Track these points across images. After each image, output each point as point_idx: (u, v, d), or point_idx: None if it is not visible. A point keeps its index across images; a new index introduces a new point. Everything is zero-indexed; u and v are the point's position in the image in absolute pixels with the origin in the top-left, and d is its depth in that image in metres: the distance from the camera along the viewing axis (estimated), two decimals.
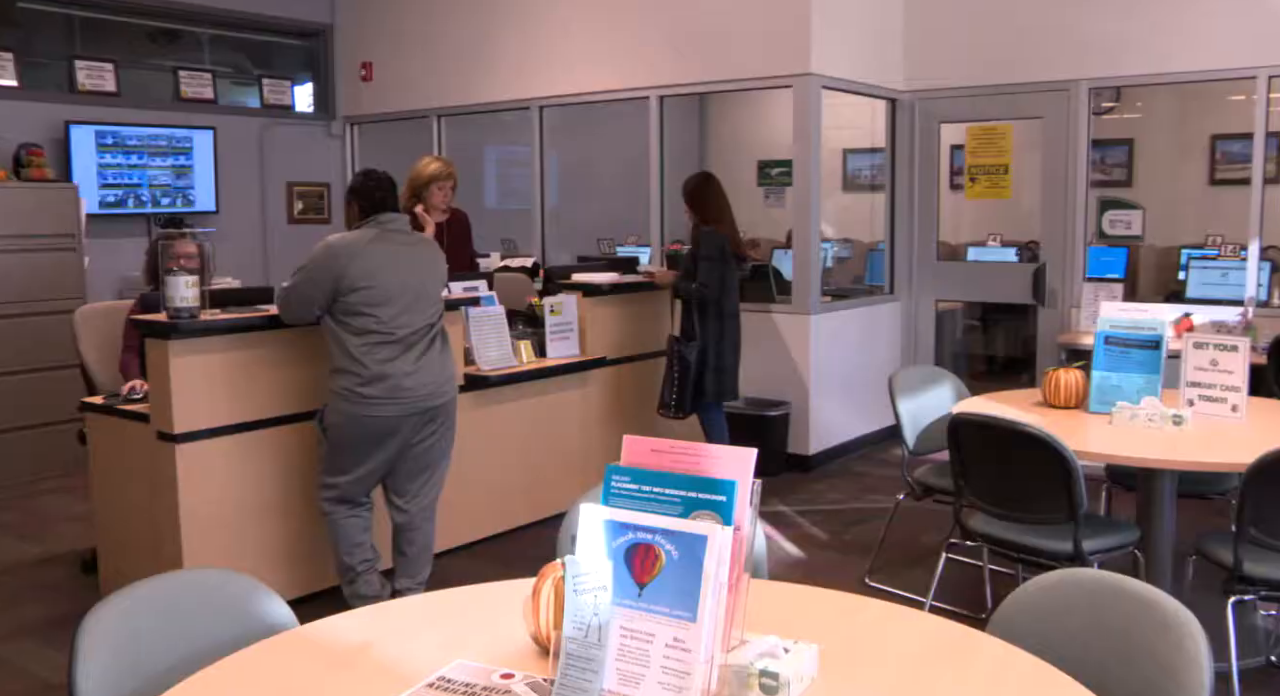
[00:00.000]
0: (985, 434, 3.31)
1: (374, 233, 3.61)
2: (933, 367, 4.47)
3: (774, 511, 5.28)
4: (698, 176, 5.22)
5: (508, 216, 8.05)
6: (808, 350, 5.93)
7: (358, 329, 3.52)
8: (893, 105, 6.67)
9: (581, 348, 5.22)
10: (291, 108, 7.87)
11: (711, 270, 5.00)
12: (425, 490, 3.80)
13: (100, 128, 6.50)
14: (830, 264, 8.64)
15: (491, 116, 7.45)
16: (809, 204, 5.90)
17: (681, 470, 1.59)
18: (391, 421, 3.57)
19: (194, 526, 3.68)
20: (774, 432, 5.92)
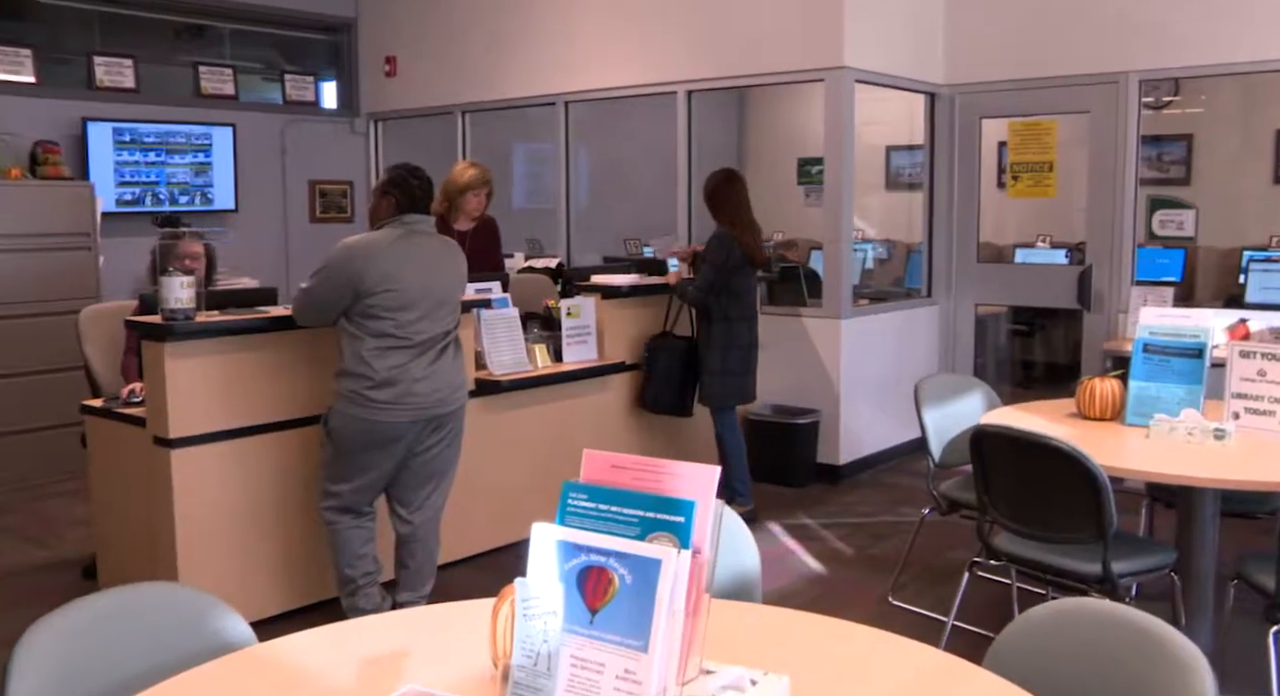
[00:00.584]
0: (1009, 447, 3.21)
1: (399, 233, 3.57)
2: (962, 376, 4.36)
3: (798, 524, 5.20)
4: (718, 174, 5.16)
5: (535, 216, 8.01)
6: (838, 356, 5.84)
7: (374, 332, 3.49)
8: (931, 100, 6.55)
9: (600, 351, 5.18)
10: (315, 104, 7.91)
11: (709, 274, 4.95)
12: (430, 501, 3.77)
13: (118, 124, 6.57)
14: (871, 265, 8.53)
15: (519, 112, 7.43)
16: (840, 203, 5.80)
17: (642, 488, 1.53)
18: (399, 427, 3.54)
19: (190, 534, 3.68)
20: (802, 442, 5.83)
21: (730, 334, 5.09)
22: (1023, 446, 3.15)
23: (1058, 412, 3.89)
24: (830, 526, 5.17)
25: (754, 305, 5.18)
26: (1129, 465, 3.18)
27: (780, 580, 4.43)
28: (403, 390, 3.50)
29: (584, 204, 8.82)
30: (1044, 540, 3.23)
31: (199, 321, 3.60)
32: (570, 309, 5.06)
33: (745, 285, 5.09)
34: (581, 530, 1.52)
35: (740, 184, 5.11)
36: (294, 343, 3.83)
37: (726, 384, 5.10)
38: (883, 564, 4.57)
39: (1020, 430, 3.17)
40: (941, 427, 4.02)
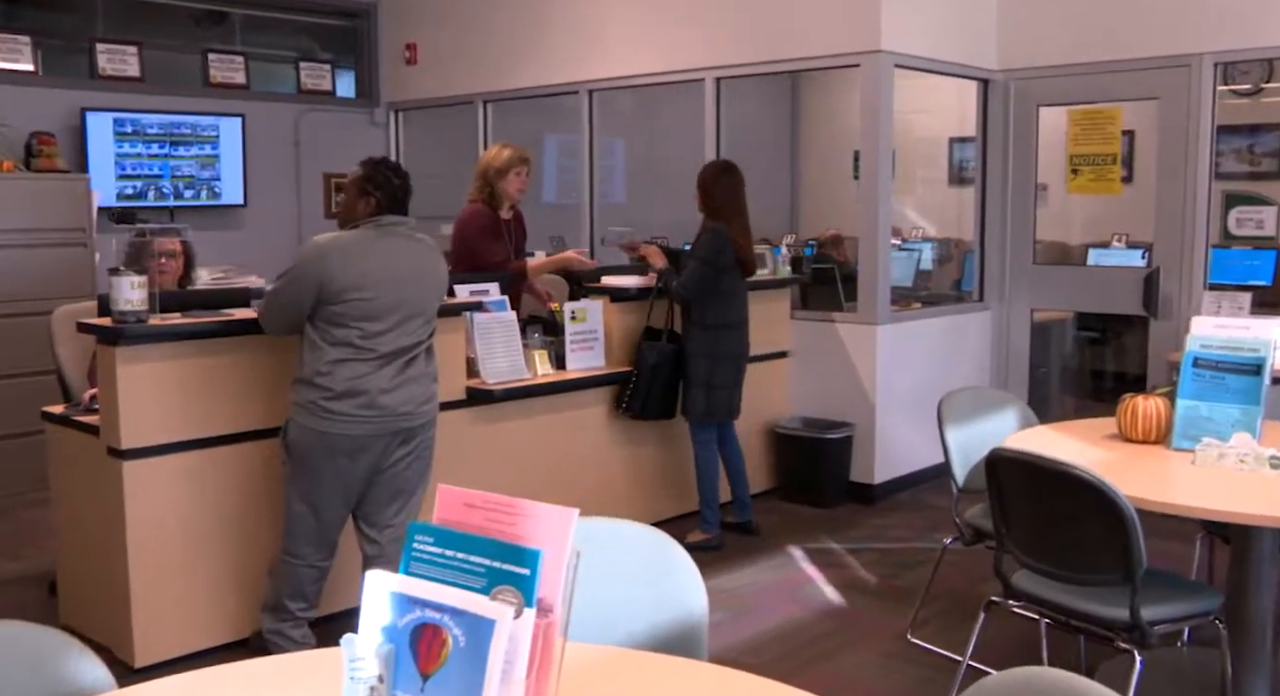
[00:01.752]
0: (1026, 474, 2.99)
1: (374, 235, 3.47)
2: (993, 390, 4.13)
3: (822, 549, 4.99)
4: (714, 166, 4.97)
5: (568, 211, 7.88)
6: (874, 365, 5.62)
7: (336, 340, 3.39)
8: (984, 87, 6.29)
9: (608, 358, 5.02)
10: (332, 93, 7.87)
11: (695, 272, 4.75)
12: (400, 519, 3.65)
13: (119, 115, 6.58)
14: (930, 266, 8.27)
15: (552, 102, 7.30)
16: (877, 199, 5.59)
17: (493, 531, 1.37)
18: (361, 440, 3.43)
19: (142, 552, 3.61)
20: (833, 458, 5.63)
21: (718, 342, 4.87)
22: (1040, 474, 2.93)
23: (1097, 434, 3.65)
24: (856, 552, 4.95)
25: (744, 310, 4.96)
26: (1166, 497, 2.94)
27: (790, 612, 4.24)
28: (366, 401, 3.40)
29: (619, 199, 8.71)
30: (1065, 580, 3.00)
31: (152, 324, 3.51)
32: (575, 312, 4.92)
33: (735, 288, 4.88)
34: (426, 579, 1.36)
35: (737, 177, 4.90)
36: (258, 348, 3.74)
37: (713, 399, 4.89)
38: (908, 596, 4.35)
39: (1036, 456, 2.95)
40: (968, 448, 3.80)
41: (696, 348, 4.85)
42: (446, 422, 4.33)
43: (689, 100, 6.52)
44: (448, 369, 4.35)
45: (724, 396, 4.90)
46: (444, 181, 8.31)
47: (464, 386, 4.46)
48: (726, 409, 4.94)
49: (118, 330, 3.44)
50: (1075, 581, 2.98)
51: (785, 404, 5.90)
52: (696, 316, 4.84)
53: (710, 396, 4.87)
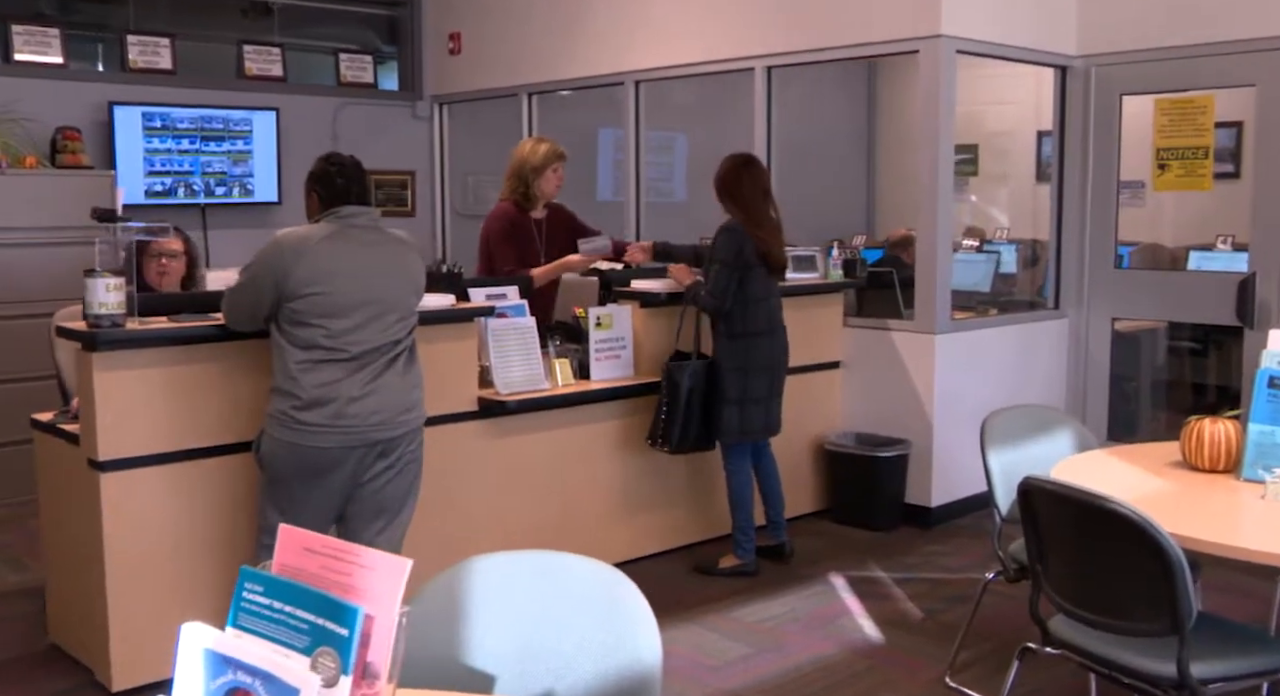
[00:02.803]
0: (1062, 507, 2.77)
1: (331, 228, 3.40)
2: (1046, 408, 3.90)
3: (867, 577, 4.79)
4: (733, 159, 4.76)
5: (624, 209, 7.76)
6: (931, 377, 5.39)
7: (302, 342, 3.32)
8: (1062, 74, 6.01)
9: (637, 368, 4.88)
10: (373, 86, 7.86)
11: (723, 277, 4.56)
12: (383, 538, 3.55)
13: (147, 109, 6.62)
14: (1014, 269, 7.97)
15: (605, 93, 7.16)
16: (936, 196, 5.36)
17: (328, 580, 1.24)
18: (332, 454, 3.33)
19: (121, 570, 3.56)
20: (886, 478, 5.42)
21: (748, 352, 4.67)
22: (1076, 508, 2.71)
23: (1160, 460, 3.42)
24: (904, 582, 4.73)
25: (776, 314, 4.77)
26: (1223, 537, 2.72)
27: (819, 648, 4.04)
28: (334, 411, 3.30)
29: (679, 197, 8.57)
30: (1105, 628, 2.77)
31: (129, 329, 3.46)
32: (600, 318, 4.78)
33: (762, 290, 4.68)
34: (253, 633, 1.23)
35: (757, 171, 4.72)
36: (247, 355, 3.67)
37: (748, 416, 4.70)
38: (953, 633, 4.11)
39: (1071, 487, 2.73)
40: (1013, 473, 3.53)
41: (726, 360, 4.66)
42: (455, 436, 4.27)
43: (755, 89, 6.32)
44: (457, 378, 4.29)
45: (759, 412, 4.71)
46: (489, 178, 8.28)
47: (475, 397, 4.35)
48: (764, 426, 4.75)
49: (91, 335, 3.40)
50: (1116, 630, 2.75)
51: (836, 418, 5.70)
52: (723, 326, 4.67)
53: (745, 413, 4.68)
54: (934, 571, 4.89)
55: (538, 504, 4.57)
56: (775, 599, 4.55)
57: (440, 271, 4.42)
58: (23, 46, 6.39)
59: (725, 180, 4.69)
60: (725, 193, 4.69)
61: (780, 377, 4.78)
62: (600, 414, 4.75)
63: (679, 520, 5.05)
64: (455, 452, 4.31)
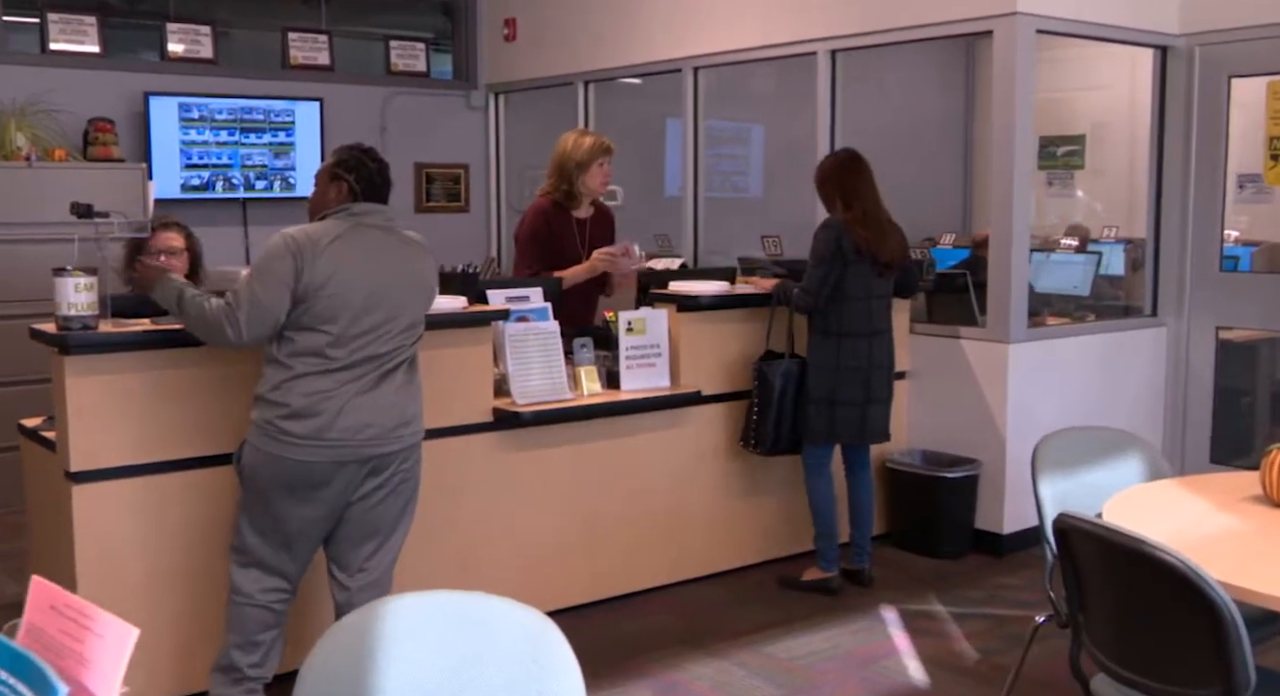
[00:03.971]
0: (1101, 551, 2.51)
1: (343, 227, 3.27)
2: (1113, 430, 3.59)
3: (923, 611, 4.53)
4: (834, 158, 4.74)
5: (682, 206, 7.58)
6: (1004, 391, 5.10)
7: (301, 348, 3.20)
8: (1162, 55, 5.66)
9: (673, 378, 4.69)
10: (425, 75, 7.79)
11: (817, 274, 4.51)
12: (374, 562, 3.43)
13: (184, 99, 6.63)
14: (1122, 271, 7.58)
15: (673, 81, 6.96)
16: (1011, 191, 5.07)
17: (62, 645, 1.09)
18: (321, 470, 3.22)
19: (92, 588, 3.48)
20: (955, 500, 5.16)
21: (840, 353, 4.58)
22: (1115, 552, 2.44)
23: (1238, 493, 3.12)
24: (964, 618, 4.46)
25: (879, 316, 4.65)
26: None
27: (854, 692, 3.81)
28: (323, 423, 3.18)
29: (755, 193, 8.35)
30: (1150, 691, 2.50)
31: (102, 332, 3.39)
32: (631, 323, 4.60)
33: (862, 288, 4.58)
34: None
35: (857, 169, 4.64)
36: (231, 360, 3.58)
37: (837, 417, 4.61)
38: None
39: (1108, 528, 2.46)
40: (1070, 504, 3.27)
41: (816, 358, 4.64)
42: (467, 448, 4.17)
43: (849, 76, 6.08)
44: (470, 386, 4.17)
45: (851, 415, 4.63)
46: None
47: (490, 407, 4.22)
48: (857, 431, 4.67)
49: (60, 338, 3.33)
50: (1163, 694, 2.47)
51: (901, 434, 5.43)
52: (818, 323, 4.64)
53: (834, 415, 4.62)
54: (999, 607, 4.60)
55: (558, 523, 4.42)
56: (817, 632, 4.32)
57: (455, 271, 4.28)
58: (58, 35, 6.44)
59: (824, 179, 4.68)
60: (830, 191, 4.66)
61: (881, 382, 4.70)
62: (630, 427, 4.58)
63: (722, 543, 4.87)
64: (467, 466, 4.19)
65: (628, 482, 4.58)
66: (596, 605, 4.49)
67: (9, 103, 6.02)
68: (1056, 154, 9.26)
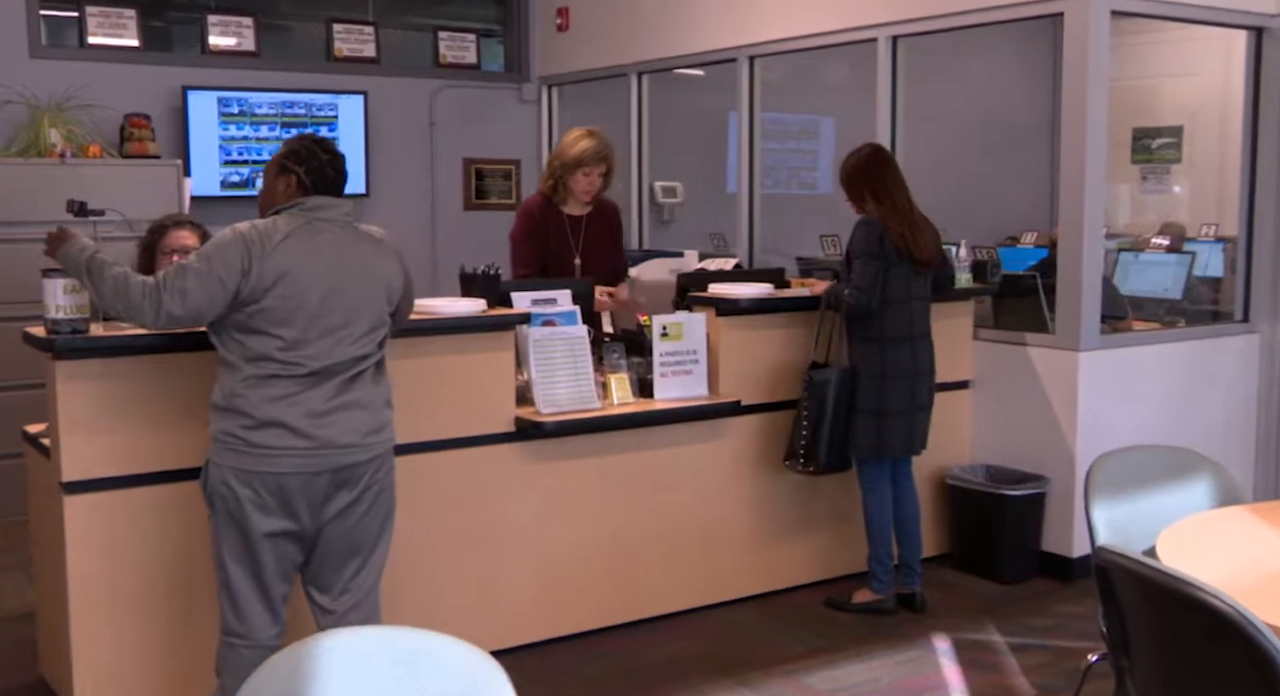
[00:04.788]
0: (1143, 590, 2.30)
1: (296, 223, 3.13)
2: (1178, 450, 3.35)
3: (980, 641, 4.33)
4: (858, 154, 4.55)
5: (737, 203, 7.43)
6: (1074, 402, 4.86)
7: (253, 353, 3.07)
8: (1256, 37, 5.36)
9: (712, 386, 4.53)
10: (476, 67, 7.72)
11: (869, 270, 4.35)
12: (357, 582, 3.28)
13: (223, 93, 6.63)
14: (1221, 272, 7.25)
15: (732, 72, 6.84)
16: (1082, 185, 4.83)
17: None
18: (291, 482, 3.06)
19: (86, 604, 3.44)
20: (1020, 520, 4.95)
21: (884, 358, 4.44)
22: (1159, 593, 2.23)
23: None
24: (1023, 649, 4.25)
25: (920, 318, 4.53)
26: None
27: None
28: (294, 430, 3.04)
29: (824, 189, 8.15)
30: None
31: (92, 336, 3.33)
32: (667, 327, 4.45)
33: (901, 291, 4.44)
34: None
35: (884, 165, 4.51)
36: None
37: (887, 429, 4.47)
38: None
39: (1149, 564, 2.25)
40: (1126, 530, 3.09)
41: (861, 366, 4.49)
42: (488, 460, 4.08)
43: (924, 63, 5.95)
44: (491, 395, 4.07)
45: (898, 426, 4.48)
46: None
47: (512, 416, 4.10)
48: (904, 442, 4.52)
49: (48, 342, 3.27)
50: None
51: (963, 448, 5.24)
52: (859, 329, 4.49)
53: (883, 426, 4.47)
54: (1063, 638, 4.37)
55: (584, 541, 4.30)
56: (861, 661, 4.14)
57: (475, 273, 4.17)
58: (96, 29, 6.48)
59: (850, 176, 4.54)
60: (856, 190, 4.53)
61: (924, 389, 4.57)
62: (664, 439, 4.43)
63: (760, 563, 4.70)
64: (487, 479, 4.08)
65: (660, 497, 4.44)
66: (624, 628, 4.36)
67: (45, 98, 6.06)
68: (1151, 147, 8.94)
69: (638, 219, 7.33)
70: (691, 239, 7.20)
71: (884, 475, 4.58)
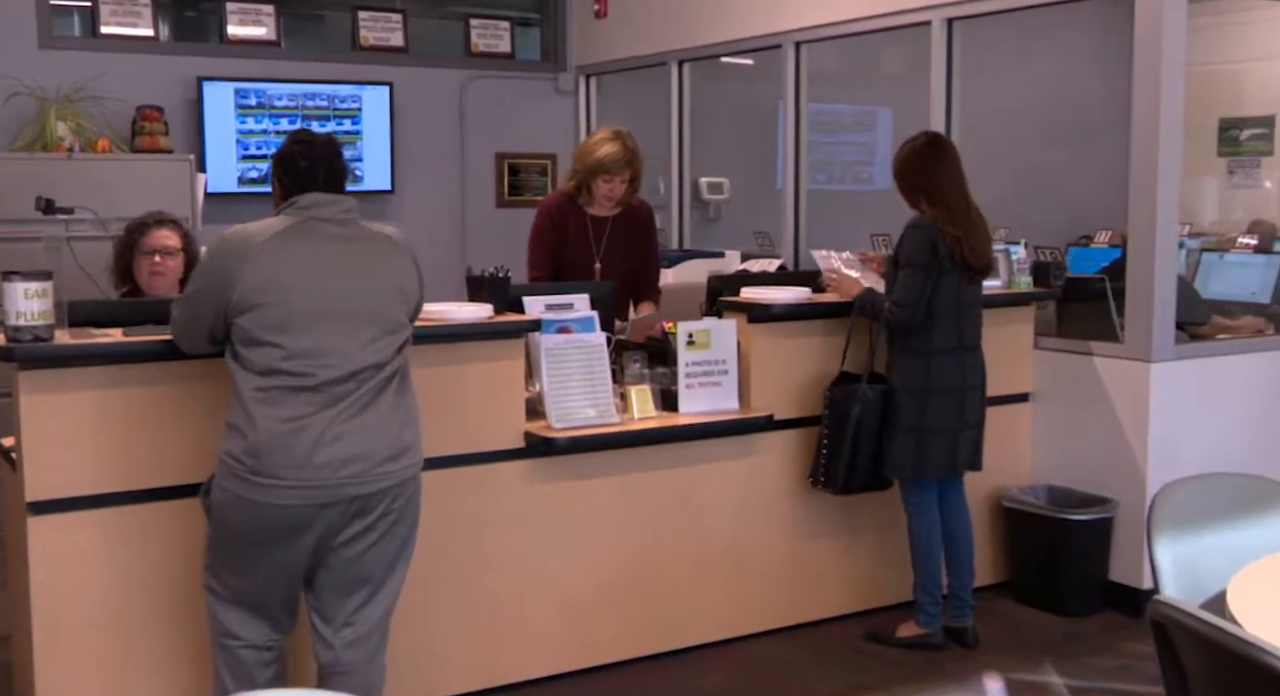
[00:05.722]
0: (1204, 650, 2.05)
1: (287, 222, 3.05)
2: (1259, 479, 3.07)
3: (1036, 681, 4.11)
4: (914, 143, 4.34)
5: (781, 198, 7.22)
6: (1145, 419, 4.60)
7: (259, 366, 2.97)
8: None
9: (743, 400, 4.32)
10: (510, 56, 7.58)
11: (915, 282, 4.14)
12: (363, 615, 3.15)
13: (240, 85, 6.56)
14: None
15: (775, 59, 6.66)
16: (1155, 179, 4.57)
17: None
18: (295, 513, 2.94)
19: (53, 629, 3.31)
20: (1084, 546, 4.71)
21: (929, 372, 4.22)
22: (1221, 655, 1.98)
23: None
24: (1086, 692, 4.02)
25: (970, 329, 4.31)
26: None
27: None
28: (297, 457, 2.91)
29: (882, 184, 7.91)
30: None
31: (57, 344, 3.20)
32: (693, 335, 4.24)
33: (952, 300, 4.22)
34: None
35: (944, 155, 4.28)
36: (210, 376, 3.33)
37: (927, 448, 4.25)
38: None
39: (1213, 624, 2.00)
40: (1195, 572, 2.83)
41: (902, 381, 4.28)
42: (495, 479, 3.92)
43: (987, 47, 5.69)
44: (497, 408, 3.89)
45: (942, 444, 4.27)
46: (646, 164, 7.81)
47: (521, 431, 3.92)
48: (947, 462, 4.30)
49: (8, 351, 3.14)
50: None
51: (1021, 467, 4.99)
52: (901, 340, 4.29)
53: (922, 445, 4.25)
54: (1132, 681, 4.11)
55: (602, 566, 4.12)
56: None
57: (482, 275, 3.99)
58: (109, 18, 6.40)
59: (906, 166, 4.33)
60: (909, 185, 4.32)
61: (974, 404, 4.35)
62: (689, 456, 4.23)
63: (794, 592, 4.49)
64: (495, 500, 3.92)
65: (684, 520, 4.25)
66: (644, 661, 4.17)
67: (54, 90, 5.98)
68: (1239, 138, 8.60)
69: (678, 217, 7.16)
70: (739, 238, 7.03)
71: (930, 497, 4.35)
